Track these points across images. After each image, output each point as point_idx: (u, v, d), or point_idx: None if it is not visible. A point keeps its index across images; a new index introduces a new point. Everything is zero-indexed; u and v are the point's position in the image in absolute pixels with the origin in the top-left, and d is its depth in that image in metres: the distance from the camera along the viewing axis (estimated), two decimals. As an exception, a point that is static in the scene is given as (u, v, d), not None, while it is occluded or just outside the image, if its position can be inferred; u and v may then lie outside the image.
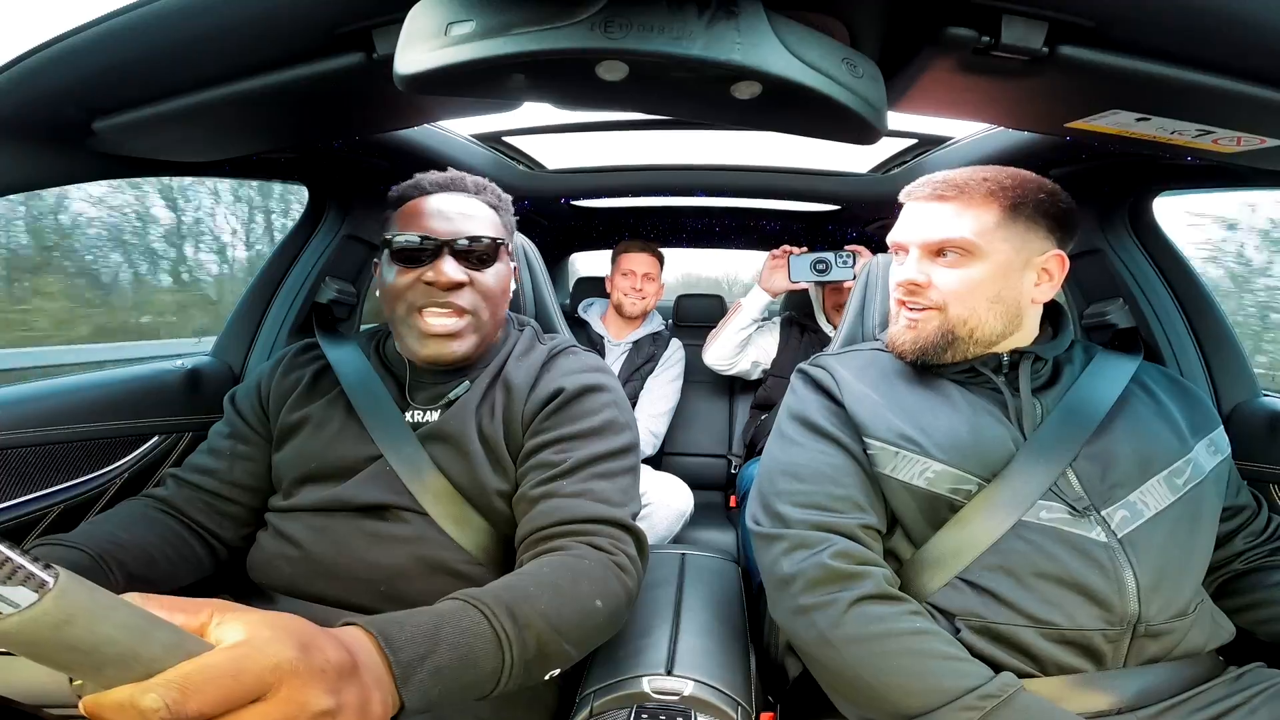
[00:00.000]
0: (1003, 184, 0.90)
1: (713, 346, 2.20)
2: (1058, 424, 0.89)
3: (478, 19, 0.54)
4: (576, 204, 2.31)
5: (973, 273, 0.90)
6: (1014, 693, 0.71)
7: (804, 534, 0.86)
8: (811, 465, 0.92)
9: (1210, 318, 1.31)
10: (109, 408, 1.24)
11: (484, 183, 1.07)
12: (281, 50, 0.73)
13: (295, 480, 0.99)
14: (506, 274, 1.02)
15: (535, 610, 0.70)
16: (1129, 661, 0.80)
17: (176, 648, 0.41)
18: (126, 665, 0.39)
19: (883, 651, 0.76)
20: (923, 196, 0.95)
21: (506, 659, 0.65)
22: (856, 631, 0.78)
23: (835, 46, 0.60)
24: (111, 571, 0.85)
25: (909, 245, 0.95)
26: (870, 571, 0.82)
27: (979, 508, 0.84)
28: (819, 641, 0.80)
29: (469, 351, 0.97)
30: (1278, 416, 1.16)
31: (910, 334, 0.95)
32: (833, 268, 1.95)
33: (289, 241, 1.57)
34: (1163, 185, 1.28)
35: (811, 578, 0.82)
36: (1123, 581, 0.79)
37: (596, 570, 0.81)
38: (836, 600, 0.80)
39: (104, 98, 0.84)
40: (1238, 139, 0.77)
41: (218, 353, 1.53)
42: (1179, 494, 0.85)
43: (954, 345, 0.93)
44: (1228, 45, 0.61)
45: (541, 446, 0.94)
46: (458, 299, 0.94)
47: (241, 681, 0.41)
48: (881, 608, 0.79)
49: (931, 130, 1.60)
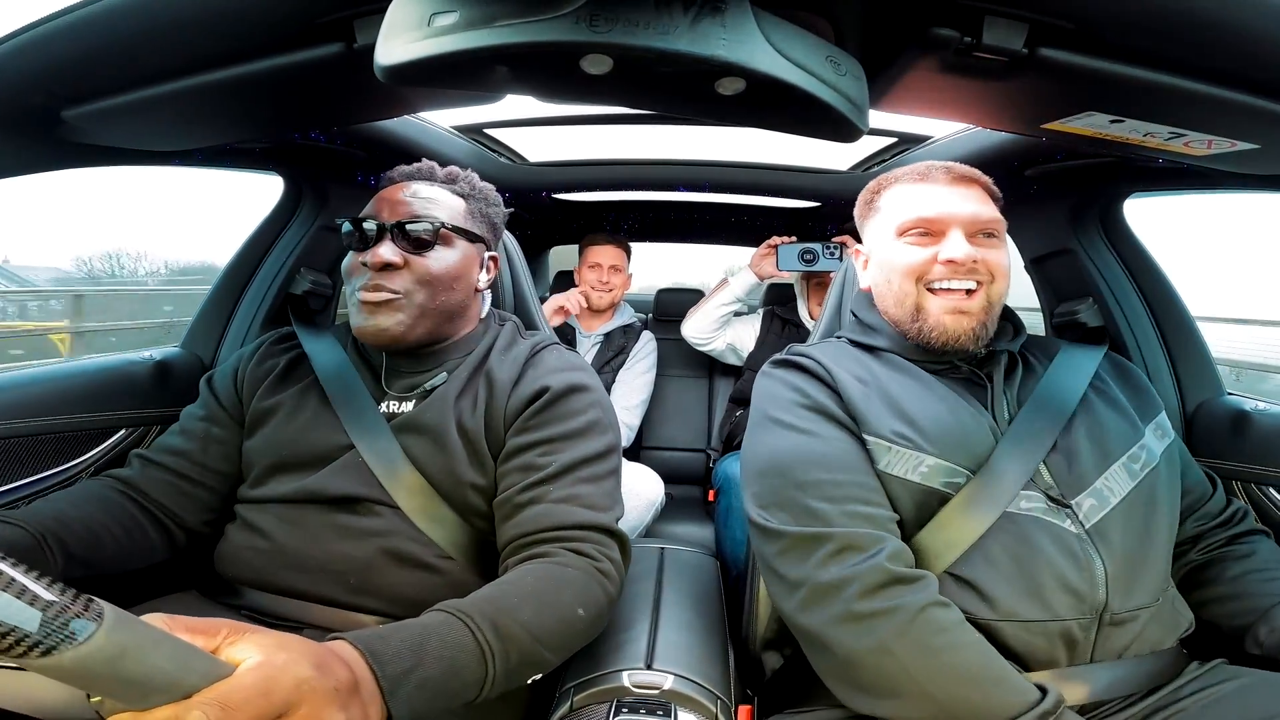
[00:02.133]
0: (991, 187, 0.97)
1: (693, 319, 2.25)
2: (1032, 415, 0.90)
3: (461, 10, 0.54)
4: (558, 197, 2.30)
5: (1004, 253, 0.93)
6: (1063, 710, 0.71)
7: (852, 532, 0.80)
8: (834, 454, 0.87)
9: (1176, 318, 1.35)
10: (75, 400, 1.21)
11: (459, 173, 1.06)
12: (259, 39, 0.72)
13: (266, 469, 0.98)
14: (459, 260, 1.00)
15: (517, 621, 0.72)
16: (1096, 651, 0.81)
17: (211, 673, 0.45)
18: (168, 692, 0.42)
19: (950, 661, 0.73)
20: (950, 179, 0.95)
21: (489, 670, 0.68)
22: (924, 640, 0.74)
23: (820, 44, 0.61)
24: (50, 550, 0.83)
25: (952, 222, 0.92)
26: (928, 575, 0.79)
27: (966, 501, 0.84)
28: (877, 649, 0.74)
29: (402, 331, 0.95)
30: (1241, 415, 1.19)
31: (963, 320, 0.91)
32: (820, 258, 1.99)
33: (262, 231, 1.54)
34: (1134, 187, 1.30)
35: (872, 582, 0.76)
36: (1093, 571, 0.80)
37: (579, 579, 0.83)
38: (903, 605, 0.75)
39: (73, 86, 0.81)
40: (1209, 142, 0.79)
41: (188, 344, 1.50)
42: (1137, 479, 0.87)
43: (988, 328, 0.93)
44: (1202, 50, 0.62)
45: (525, 447, 0.94)
46: (389, 281, 0.94)
47: (271, 700, 0.46)
48: (946, 614, 0.76)
49: (911, 129, 1.62)
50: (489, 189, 1.09)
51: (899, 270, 0.95)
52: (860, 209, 1.07)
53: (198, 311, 1.53)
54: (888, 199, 1.00)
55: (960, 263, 0.90)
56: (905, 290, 0.95)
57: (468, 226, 1.02)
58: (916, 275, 0.93)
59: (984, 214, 0.93)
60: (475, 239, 1.03)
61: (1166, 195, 1.32)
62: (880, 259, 0.99)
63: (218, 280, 1.53)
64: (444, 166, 1.07)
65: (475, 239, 1.03)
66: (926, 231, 0.93)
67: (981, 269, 0.91)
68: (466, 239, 1.02)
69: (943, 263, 0.91)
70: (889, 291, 0.97)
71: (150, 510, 0.98)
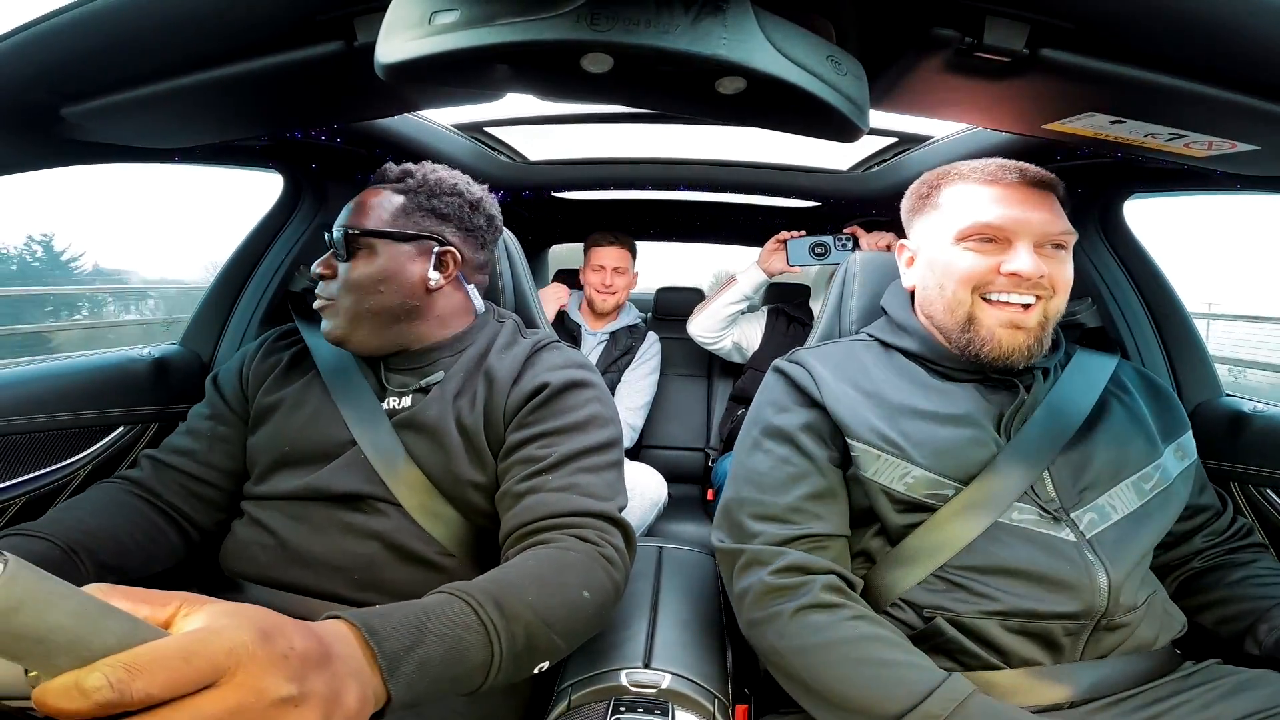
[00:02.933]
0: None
1: (699, 317, 2.19)
2: (1038, 427, 0.88)
3: (462, 8, 0.54)
4: (558, 196, 2.30)
5: (1070, 268, 0.89)
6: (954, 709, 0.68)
7: (759, 549, 0.85)
8: (772, 475, 0.90)
9: (1175, 319, 1.35)
10: (73, 397, 1.21)
11: (412, 168, 1.04)
12: (259, 37, 0.72)
13: (270, 464, 0.98)
14: (384, 264, 0.97)
15: (522, 601, 0.69)
16: (1085, 654, 0.81)
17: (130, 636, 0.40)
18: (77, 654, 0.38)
19: (825, 660, 0.76)
20: (1023, 183, 0.89)
21: (495, 651, 0.65)
22: (799, 642, 0.78)
23: (821, 44, 0.61)
24: (81, 561, 0.84)
25: (1021, 232, 0.87)
26: (813, 580, 0.81)
27: (956, 510, 0.84)
28: (771, 652, 0.81)
29: (341, 334, 0.98)
30: (1240, 416, 1.19)
31: (1020, 335, 0.87)
32: (832, 250, 1.94)
33: (261, 229, 1.54)
34: (1134, 188, 1.30)
35: (757, 592, 0.82)
36: (1093, 577, 0.80)
37: (583, 561, 0.81)
38: (780, 611, 0.80)
39: (73, 83, 0.81)
40: (1209, 143, 0.79)
41: (186, 341, 1.50)
42: (1145, 498, 0.86)
43: (1044, 340, 0.90)
44: (1203, 51, 0.62)
45: (525, 441, 0.93)
46: (325, 290, 1.00)
47: (192, 664, 0.40)
48: (821, 616, 0.79)
49: (911, 129, 1.62)
50: (447, 179, 1.04)
51: (955, 277, 0.90)
52: (914, 202, 1.01)
53: (196, 309, 1.53)
54: (949, 196, 0.94)
55: (1025, 277, 0.85)
56: (959, 299, 0.90)
57: (395, 227, 0.98)
58: (974, 284, 0.89)
59: (1055, 226, 0.87)
60: (407, 238, 0.99)
61: (1167, 196, 1.33)
62: (934, 261, 0.94)
63: (216, 278, 1.53)
64: (441, 164, 1.07)
65: (407, 238, 0.99)
66: (991, 239, 0.88)
67: (1045, 284, 0.86)
68: (395, 240, 0.98)
69: (1006, 275, 0.86)
70: (939, 297, 0.93)
71: (166, 512, 0.99)
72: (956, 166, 0.95)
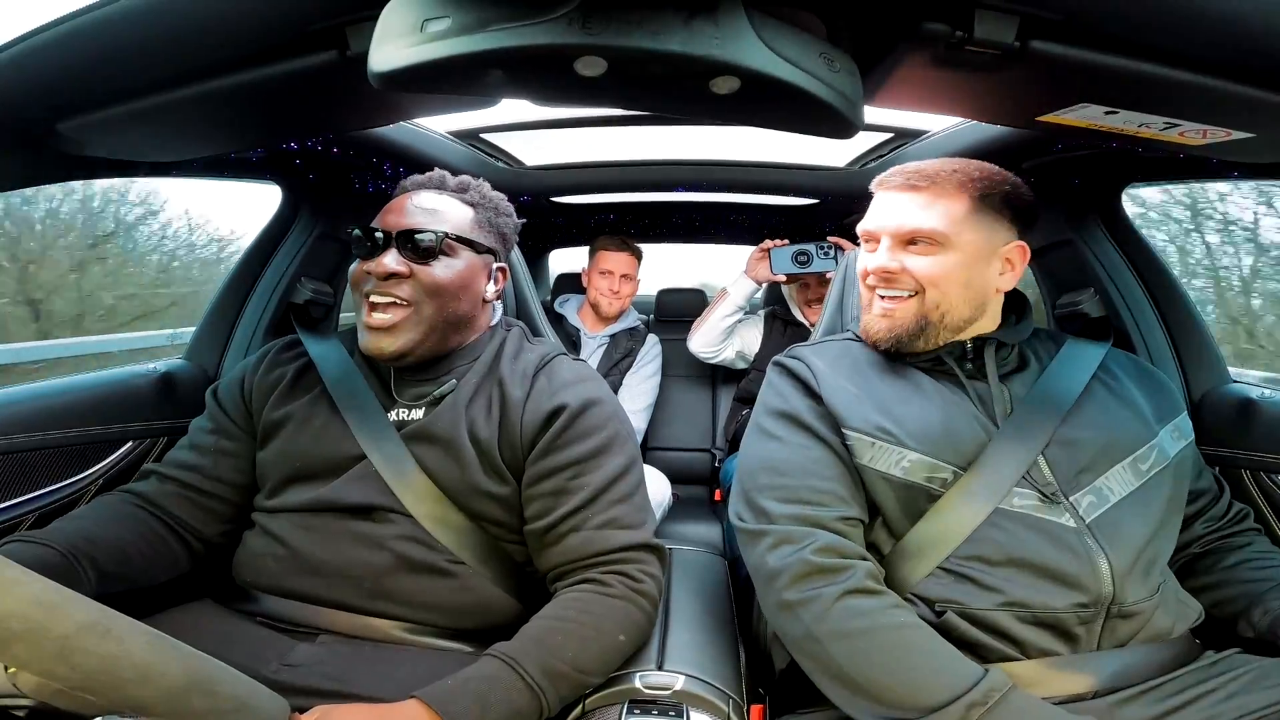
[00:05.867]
0: (971, 175, 0.92)
1: (698, 333, 2.22)
2: (1029, 411, 0.90)
3: (453, 15, 0.54)
4: (556, 200, 2.30)
5: (945, 259, 0.92)
6: (998, 698, 0.71)
7: (788, 529, 0.86)
8: (792, 459, 0.92)
9: (1179, 307, 1.34)
10: (81, 413, 1.22)
11: (471, 182, 1.06)
12: (252, 48, 0.72)
13: (281, 480, 0.98)
14: (464, 270, 1.00)
15: (564, 660, 0.81)
16: (1102, 643, 0.82)
17: (92, 625, 0.40)
18: (35, 642, 0.38)
19: (867, 647, 0.76)
20: (895, 186, 0.95)
21: (543, 706, 0.78)
22: (841, 626, 0.78)
23: (812, 42, 0.61)
24: (83, 569, 0.84)
25: (881, 234, 0.96)
26: (855, 565, 0.82)
27: (956, 497, 0.85)
28: (805, 637, 0.80)
29: (408, 347, 0.96)
30: (1246, 402, 1.19)
31: (885, 322, 0.96)
32: (814, 259, 1.97)
33: (262, 241, 1.55)
34: (1131, 177, 1.30)
35: (796, 572, 0.82)
36: (1095, 565, 0.81)
37: (620, 606, 0.89)
38: (821, 595, 0.80)
39: (68, 97, 0.81)
40: (1204, 131, 0.79)
41: (191, 355, 1.50)
42: (1143, 479, 0.88)
43: (926, 331, 0.94)
44: (1193, 39, 0.62)
45: (553, 471, 0.95)
46: (397, 289, 0.95)
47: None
48: (866, 601, 0.79)
49: (907, 124, 1.62)
50: (500, 199, 1.09)
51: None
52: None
53: (200, 323, 1.53)
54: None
55: (872, 271, 0.96)
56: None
57: (473, 237, 1.02)
58: (866, 281, 0.99)
59: (908, 224, 0.92)
60: (482, 250, 1.03)
61: (1164, 185, 1.32)
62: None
63: (219, 291, 1.54)
64: (442, 173, 1.07)
65: (482, 250, 1.03)
66: (870, 239, 0.98)
67: (905, 279, 0.93)
68: (472, 250, 1.01)
69: (871, 271, 0.97)
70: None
71: (169, 524, 0.99)
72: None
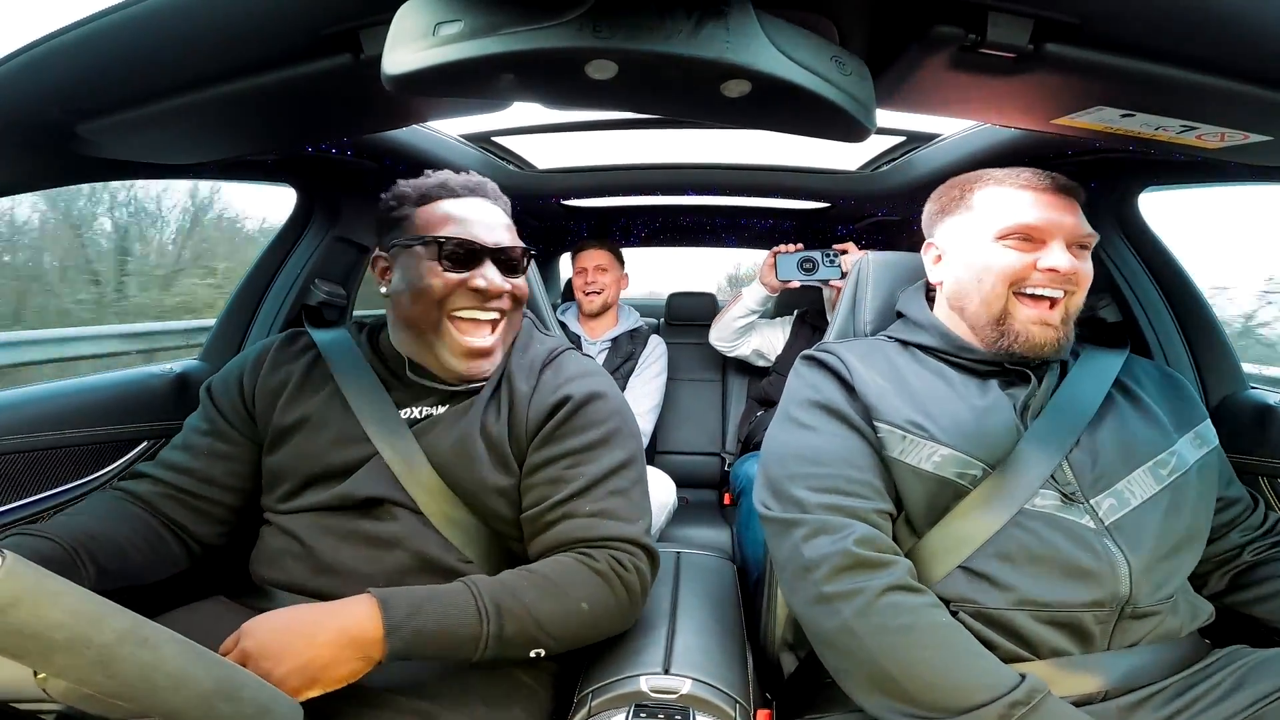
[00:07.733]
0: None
1: (716, 327, 2.28)
2: (1056, 414, 0.91)
3: (466, 19, 0.54)
4: (567, 204, 2.31)
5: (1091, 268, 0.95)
6: (1040, 699, 0.71)
7: (824, 518, 0.84)
8: (827, 448, 0.91)
9: (1197, 312, 1.33)
10: (97, 413, 1.23)
11: (498, 190, 1.08)
12: (267, 52, 0.73)
13: (298, 484, 0.98)
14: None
15: (519, 599, 0.83)
16: (1114, 643, 0.82)
17: (130, 633, 0.41)
18: (77, 651, 0.38)
19: (909, 644, 0.75)
20: (1048, 188, 0.94)
21: (484, 630, 0.79)
22: (884, 622, 0.77)
23: (824, 45, 0.61)
24: (83, 564, 0.85)
25: (1056, 233, 0.92)
26: (898, 560, 0.82)
27: (983, 497, 0.85)
28: (842, 630, 0.79)
29: (494, 368, 0.99)
30: (1265, 408, 1.17)
31: (1051, 332, 0.93)
32: (820, 267, 1.96)
33: (276, 243, 1.56)
34: (1148, 181, 1.29)
35: (838, 565, 0.80)
36: (1114, 565, 0.81)
37: (593, 579, 0.88)
38: (865, 588, 0.78)
39: (87, 100, 0.83)
40: (1221, 135, 0.78)
41: (206, 356, 1.52)
42: (1164, 484, 0.87)
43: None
44: (1210, 42, 0.61)
45: (551, 460, 0.95)
46: (500, 305, 0.97)
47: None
48: (911, 598, 0.79)
49: (920, 127, 1.61)
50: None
51: (994, 272, 0.94)
52: (942, 204, 1.05)
53: (216, 324, 1.55)
54: (983, 199, 0.98)
55: (1062, 273, 0.91)
56: (997, 293, 0.94)
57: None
58: (1011, 280, 0.93)
59: (1082, 228, 0.94)
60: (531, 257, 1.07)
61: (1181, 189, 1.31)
62: (970, 259, 0.98)
63: (234, 293, 1.55)
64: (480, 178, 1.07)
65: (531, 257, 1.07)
66: (1028, 238, 0.93)
67: (1074, 280, 0.92)
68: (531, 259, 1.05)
69: (1043, 270, 0.92)
70: (976, 290, 0.96)
71: (166, 524, 0.99)
72: (989, 172, 1.00)
